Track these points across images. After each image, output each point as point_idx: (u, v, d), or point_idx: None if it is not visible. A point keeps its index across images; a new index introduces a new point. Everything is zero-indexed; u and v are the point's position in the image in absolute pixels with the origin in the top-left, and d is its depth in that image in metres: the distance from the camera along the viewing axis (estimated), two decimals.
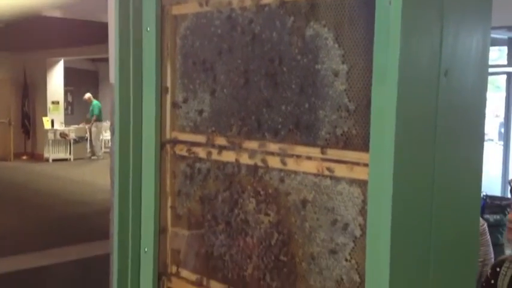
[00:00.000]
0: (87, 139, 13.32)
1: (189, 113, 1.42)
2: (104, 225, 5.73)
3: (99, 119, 13.17)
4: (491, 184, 7.82)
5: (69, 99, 14.90)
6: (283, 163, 1.20)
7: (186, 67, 1.42)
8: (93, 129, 13.21)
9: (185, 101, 1.42)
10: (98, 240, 6.80)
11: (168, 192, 1.47)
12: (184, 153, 1.42)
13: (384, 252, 0.98)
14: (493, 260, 2.85)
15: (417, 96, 1.01)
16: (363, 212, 1.07)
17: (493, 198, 6.13)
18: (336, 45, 1.10)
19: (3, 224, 7.71)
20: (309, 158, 1.15)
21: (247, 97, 1.27)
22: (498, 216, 5.78)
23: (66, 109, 14.22)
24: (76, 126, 13.47)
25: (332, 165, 1.11)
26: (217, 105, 1.34)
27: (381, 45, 0.99)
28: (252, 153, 1.25)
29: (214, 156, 1.35)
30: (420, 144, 1.03)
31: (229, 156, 1.31)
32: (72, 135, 12.99)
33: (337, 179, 1.11)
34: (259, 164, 1.24)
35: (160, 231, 1.46)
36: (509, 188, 2.77)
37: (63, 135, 12.89)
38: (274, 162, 1.22)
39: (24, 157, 13.39)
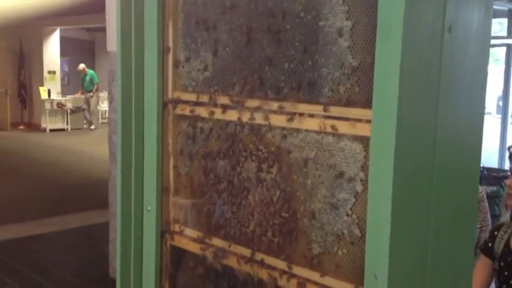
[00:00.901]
0: (84, 109, 13.28)
1: (191, 72, 1.42)
2: (102, 195, 5.77)
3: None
4: (488, 157, 7.87)
5: (66, 69, 14.80)
6: (286, 121, 1.20)
7: (188, 26, 1.42)
8: (94, 98, 13.18)
9: (187, 60, 1.42)
10: (96, 209, 6.86)
11: (170, 152, 1.48)
12: (186, 112, 1.43)
13: (385, 207, 1.00)
14: (490, 226, 2.90)
15: (421, 53, 1.01)
16: (364, 167, 1.08)
17: (490, 170, 6.19)
18: (340, 1, 1.10)
19: (0, 193, 7.74)
20: (311, 115, 1.16)
21: (249, 55, 1.27)
22: (495, 188, 5.85)
23: (62, 79, 14.13)
24: (73, 96, 13.42)
25: (334, 122, 1.12)
26: (219, 64, 1.34)
27: (385, 1, 0.99)
28: (255, 112, 1.26)
29: (217, 115, 1.35)
30: (423, 101, 1.04)
31: (231, 115, 1.32)
32: (69, 105, 12.95)
33: (339, 136, 1.12)
34: (262, 122, 1.25)
35: (163, 190, 1.48)
36: (507, 154, 2.79)
37: (60, 105, 12.85)
38: (276, 120, 1.23)
39: (22, 127, 13.37)
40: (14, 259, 5.69)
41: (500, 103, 10.15)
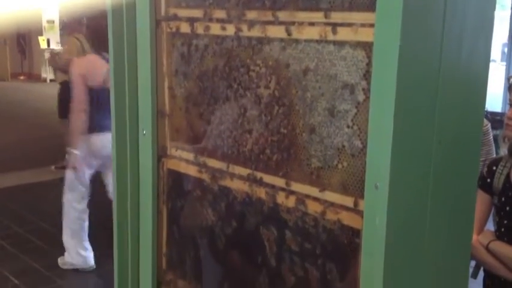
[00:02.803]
0: None
1: None
2: None
3: None
4: (492, 102, 7.80)
5: (64, 19, 14.52)
6: (285, 32, 1.14)
7: None
8: None
9: None
10: None
11: (164, 72, 1.42)
12: (180, 30, 1.36)
13: (387, 115, 0.95)
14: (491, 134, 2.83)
15: None
16: (367, 75, 1.03)
17: (494, 114, 6.15)
18: None
19: (2, 142, 7.75)
20: (311, 24, 1.10)
21: None
22: (498, 132, 5.82)
23: (61, 29, 13.90)
24: None
25: (336, 28, 1.06)
26: None
27: None
28: (252, 24, 1.20)
29: (213, 30, 1.29)
30: (429, 10, 0.98)
31: (228, 30, 1.25)
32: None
33: (340, 44, 1.06)
34: (259, 35, 1.19)
35: (159, 112, 1.43)
36: (507, 85, 2.72)
37: (60, 55, 12.67)
38: (274, 31, 1.16)
39: (22, 77, 13.27)
40: (18, 205, 5.74)
41: (505, 50, 9.97)
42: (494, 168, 2.18)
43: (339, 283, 1.12)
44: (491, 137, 2.94)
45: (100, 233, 5.08)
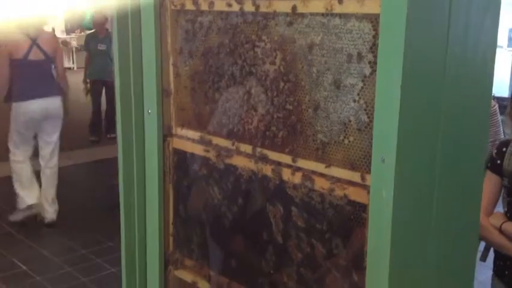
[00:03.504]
0: None
1: None
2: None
3: None
4: (499, 88, 7.75)
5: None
6: (290, 6, 1.13)
7: None
8: None
9: None
10: (105, 145, 6.89)
11: (169, 51, 1.41)
12: (185, 7, 1.35)
13: (394, 88, 0.94)
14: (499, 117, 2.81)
15: None
16: (373, 48, 1.02)
17: (500, 99, 6.10)
18: None
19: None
20: None
21: None
22: (504, 117, 5.78)
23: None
24: (78, 34, 13.21)
25: (342, 0, 1.04)
26: None
27: None
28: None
29: (217, 7, 1.28)
30: None
31: (232, 6, 1.24)
32: (74, 44, 12.77)
33: (346, 17, 1.05)
34: (265, 10, 1.18)
35: (163, 91, 1.42)
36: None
37: (65, 43, 12.66)
38: (280, 6, 1.15)
39: None
40: None
41: None
42: (504, 149, 2.17)
43: (345, 258, 1.11)
44: (499, 118, 2.92)
45: (106, 218, 5.11)
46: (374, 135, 0.99)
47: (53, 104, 4.69)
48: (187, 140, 1.42)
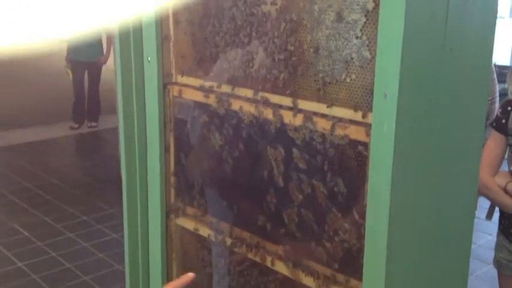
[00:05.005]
0: None
1: None
2: (110, 102, 5.74)
3: None
4: (501, 56, 7.69)
5: None
6: None
7: None
8: None
9: None
10: (105, 114, 6.88)
11: None
12: None
13: (397, 21, 0.93)
14: (498, 97, 2.82)
15: None
16: None
17: (501, 67, 6.08)
18: None
19: (12, 101, 7.76)
20: None
21: None
22: (505, 85, 5.76)
23: None
24: None
25: None
26: None
27: None
28: None
29: None
30: None
31: None
32: None
33: None
34: None
35: (163, 39, 1.41)
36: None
37: None
38: None
39: None
40: (26, 161, 5.79)
41: None
42: (509, 108, 2.16)
43: (346, 198, 1.12)
44: (495, 76, 2.92)
45: (108, 187, 5.14)
46: (376, 71, 0.98)
47: None
48: (188, 87, 1.41)
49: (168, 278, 1.55)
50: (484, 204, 2.67)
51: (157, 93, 1.43)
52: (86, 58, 6.29)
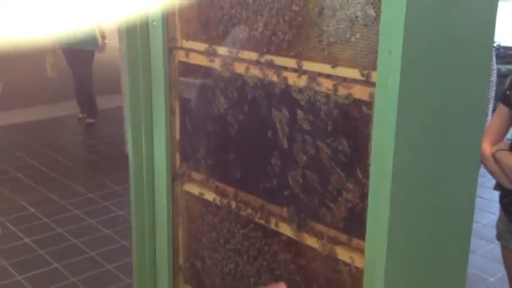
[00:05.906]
0: None
1: None
2: (115, 80, 5.75)
3: None
4: (505, 36, 7.62)
5: None
6: None
7: None
8: None
9: None
10: (108, 94, 6.89)
11: None
12: None
13: None
14: (495, 79, 2.81)
15: None
16: None
17: (506, 48, 6.03)
18: None
19: (17, 79, 7.77)
20: None
21: None
22: (510, 66, 5.74)
23: None
24: None
25: None
26: None
27: None
28: None
29: None
30: None
31: None
32: None
33: None
34: None
35: (168, 1, 1.41)
36: None
37: None
38: None
39: None
40: (32, 140, 5.82)
41: None
42: None
43: (350, 158, 1.13)
44: (494, 59, 2.90)
45: (113, 165, 5.16)
46: (381, 29, 0.99)
47: None
48: (193, 52, 1.41)
49: (174, 244, 1.57)
50: (487, 184, 2.67)
51: (162, 58, 1.44)
52: (79, 46, 5.84)
